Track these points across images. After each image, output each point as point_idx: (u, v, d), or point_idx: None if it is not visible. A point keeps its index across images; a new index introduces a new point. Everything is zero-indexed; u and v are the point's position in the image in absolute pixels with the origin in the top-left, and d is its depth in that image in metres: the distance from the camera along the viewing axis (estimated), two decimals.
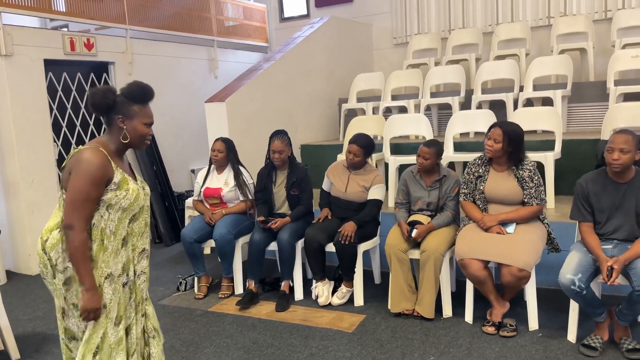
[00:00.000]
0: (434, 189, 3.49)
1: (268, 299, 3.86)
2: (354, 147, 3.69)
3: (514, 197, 3.17)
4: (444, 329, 3.21)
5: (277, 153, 3.85)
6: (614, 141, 2.73)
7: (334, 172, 3.87)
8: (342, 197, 3.77)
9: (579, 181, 2.96)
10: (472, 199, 3.31)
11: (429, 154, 3.43)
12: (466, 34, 6.63)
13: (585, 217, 2.91)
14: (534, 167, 3.18)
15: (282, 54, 5.67)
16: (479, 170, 3.28)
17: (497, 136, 3.13)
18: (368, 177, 3.74)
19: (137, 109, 2.03)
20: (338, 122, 6.27)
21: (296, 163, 3.99)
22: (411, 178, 3.57)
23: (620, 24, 5.75)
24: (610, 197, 2.83)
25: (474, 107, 5.29)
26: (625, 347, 2.75)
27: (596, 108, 5.27)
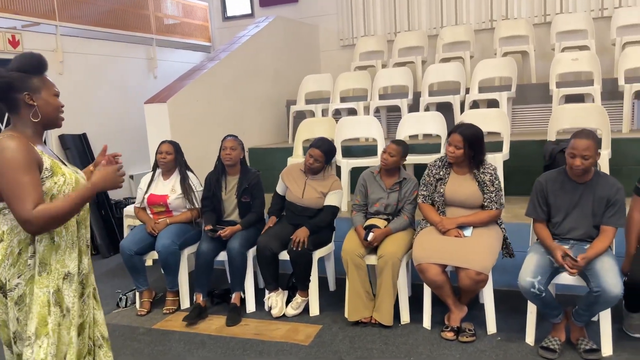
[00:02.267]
0: (393, 191, 3.41)
1: (218, 312, 3.64)
2: (317, 152, 3.54)
3: (474, 200, 3.13)
4: (402, 336, 3.12)
5: (229, 149, 3.65)
6: (576, 147, 2.70)
7: (290, 176, 3.70)
8: (298, 203, 3.61)
9: (539, 179, 2.97)
10: (431, 202, 3.25)
11: (396, 152, 3.35)
12: (412, 37, 6.66)
13: (540, 215, 2.93)
14: (495, 171, 3.16)
15: (227, 53, 5.44)
16: (440, 173, 3.23)
17: (458, 142, 3.09)
18: (326, 183, 3.60)
19: (39, 81, 1.79)
20: (287, 125, 6.10)
21: (248, 168, 3.80)
22: (371, 179, 3.47)
23: (559, 27, 5.94)
24: (568, 196, 2.85)
25: (422, 109, 5.29)
26: (583, 347, 2.75)
27: (539, 109, 5.40)
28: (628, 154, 4.17)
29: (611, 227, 2.76)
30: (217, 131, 4.89)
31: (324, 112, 5.68)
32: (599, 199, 2.78)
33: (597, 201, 2.78)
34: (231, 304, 3.57)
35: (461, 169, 3.19)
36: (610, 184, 2.79)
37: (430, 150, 4.59)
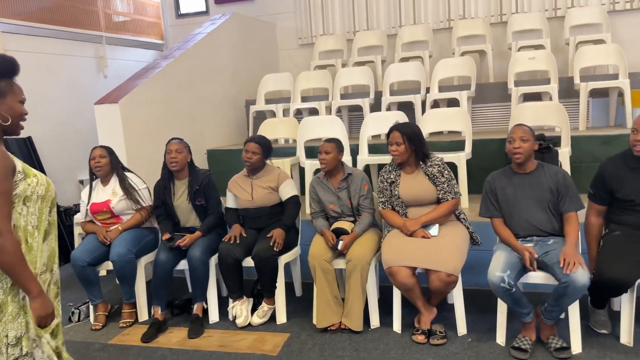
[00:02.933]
0: (342, 189, 3.34)
1: (178, 324, 3.45)
2: (252, 145, 3.45)
3: (429, 195, 3.11)
4: (373, 341, 3.04)
5: (174, 152, 3.46)
6: (514, 132, 2.88)
7: (235, 185, 3.57)
8: (251, 207, 3.48)
9: (487, 179, 3.03)
10: (391, 206, 3.20)
11: (331, 148, 3.28)
12: (371, 36, 6.63)
13: (493, 212, 2.97)
14: (442, 161, 3.16)
15: (182, 51, 5.23)
16: (391, 176, 3.19)
17: (397, 138, 3.09)
18: (271, 177, 3.50)
19: (6, 85, 1.71)
20: (246, 125, 5.94)
21: (197, 169, 3.62)
22: (319, 183, 3.41)
23: (515, 27, 6.04)
24: (516, 188, 2.90)
25: (384, 108, 5.25)
26: (553, 346, 2.75)
27: (498, 108, 5.46)
28: (586, 151, 4.26)
29: (573, 212, 2.81)
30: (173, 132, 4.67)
31: (285, 112, 5.55)
32: (547, 189, 2.84)
33: (546, 190, 2.84)
34: (193, 314, 3.39)
35: (410, 168, 3.17)
36: (554, 172, 2.87)
37: None
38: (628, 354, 2.70)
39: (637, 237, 2.75)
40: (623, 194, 2.80)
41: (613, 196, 2.85)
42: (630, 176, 2.79)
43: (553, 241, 2.85)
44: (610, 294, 2.85)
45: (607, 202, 2.89)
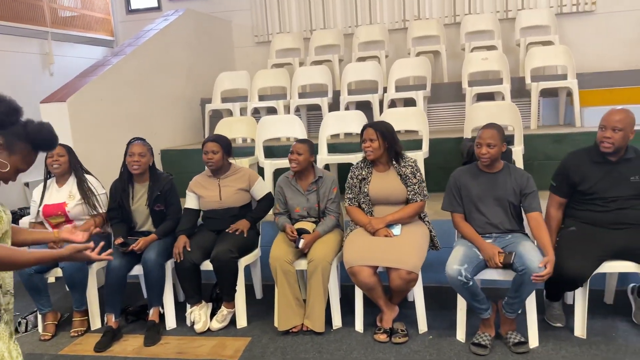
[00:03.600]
0: (311, 192, 3.30)
1: (134, 331, 3.32)
2: (210, 145, 3.37)
3: (398, 195, 3.11)
4: (336, 342, 3.02)
5: (137, 155, 3.32)
6: (482, 136, 2.86)
7: (199, 185, 3.46)
8: (219, 207, 3.38)
9: (453, 174, 3.05)
10: (357, 203, 3.18)
11: (303, 149, 3.24)
12: (328, 35, 6.61)
13: (456, 208, 3.00)
14: (415, 163, 3.17)
15: (134, 47, 5.05)
16: (362, 173, 3.18)
17: (371, 135, 3.09)
18: (241, 177, 3.43)
19: (26, 150, 1.64)
20: (202, 125, 5.80)
21: (159, 173, 3.49)
22: (287, 184, 3.35)
23: (468, 28, 6.17)
24: (481, 186, 2.94)
25: (342, 108, 5.25)
26: (512, 341, 2.80)
27: (453, 108, 5.56)
28: (538, 149, 4.38)
29: (538, 212, 2.87)
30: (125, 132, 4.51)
31: (242, 110, 5.46)
32: (511, 190, 2.88)
33: (509, 192, 2.89)
34: (149, 321, 3.27)
35: (382, 166, 3.17)
36: (520, 174, 2.92)
37: (353, 149, 4.54)
38: (582, 346, 2.79)
39: (592, 233, 2.84)
40: (585, 186, 2.87)
41: (575, 189, 2.93)
42: (592, 170, 2.87)
43: (511, 236, 2.92)
44: (566, 287, 2.93)
45: (568, 195, 2.97)
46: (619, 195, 2.82)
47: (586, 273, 2.74)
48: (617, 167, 2.84)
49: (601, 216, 2.85)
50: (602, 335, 2.88)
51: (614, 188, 2.83)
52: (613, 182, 2.83)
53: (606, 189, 2.84)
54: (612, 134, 2.76)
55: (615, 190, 2.83)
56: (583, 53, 6.03)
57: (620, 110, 2.80)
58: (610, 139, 2.77)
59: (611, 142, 2.77)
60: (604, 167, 2.85)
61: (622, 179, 2.83)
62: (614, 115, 2.78)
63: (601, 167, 2.86)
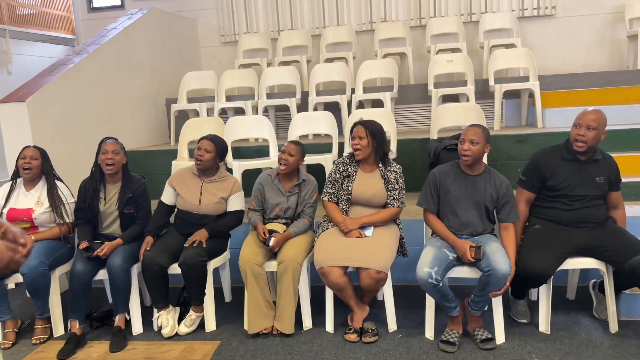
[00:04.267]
0: (292, 194, 3.28)
1: (99, 337, 3.23)
2: (205, 142, 3.28)
3: (379, 198, 3.13)
4: (306, 343, 3.01)
5: (110, 153, 3.22)
6: (466, 133, 2.89)
7: (181, 182, 3.36)
8: (195, 211, 3.30)
9: (433, 171, 3.05)
10: (337, 200, 3.18)
11: (295, 151, 3.22)
12: (295, 36, 6.60)
13: (431, 206, 3.01)
14: (400, 170, 3.19)
15: (97, 46, 4.92)
16: (348, 170, 3.17)
17: (361, 132, 3.08)
18: (225, 186, 3.35)
19: None
20: (167, 125, 5.70)
21: (132, 175, 3.39)
22: (269, 183, 3.31)
23: (433, 30, 6.26)
24: (461, 188, 2.95)
25: (311, 108, 5.24)
26: (479, 337, 2.86)
27: (419, 109, 5.64)
28: (501, 149, 4.48)
29: (511, 223, 2.92)
30: (88, 133, 4.40)
31: (209, 111, 5.39)
32: (489, 194, 2.92)
33: (487, 195, 2.92)
34: (114, 327, 3.18)
35: (369, 166, 3.17)
36: (499, 181, 2.94)
37: (322, 149, 4.55)
38: (546, 341, 2.87)
39: (555, 231, 2.92)
40: (554, 182, 2.94)
41: (543, 184, 2.99)
42: (562, 167, 2.95)
43: (480, 236, 2.97)
44: (531, 284, 3.00)
45: (537, 190, 3.02)
46: (584, 194, 2.91)
47: (550, 270, 2.81)
48: (585, 166, 2.93)
49: (565, 214, 2.94)
50: (565, 330, 2.97)
51: (581, 187, 2.91)
52: (580, 181, 2.92)
53: (573, 186, 2.92)
54: (586, 132, 2.84)
55: (581, 189, 2.91)
56: (544, 55, 6.22)
57: (594, 111, 2.89)
58: (584, 137, 2.84)
59: (584, 140, 2.85)
60: (574, 165, 2.94)
61: (589, 179, 2.92)
62: (589, 114, 2.86)
63: (571, 165, 2.94)
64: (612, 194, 2.99)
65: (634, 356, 2.65)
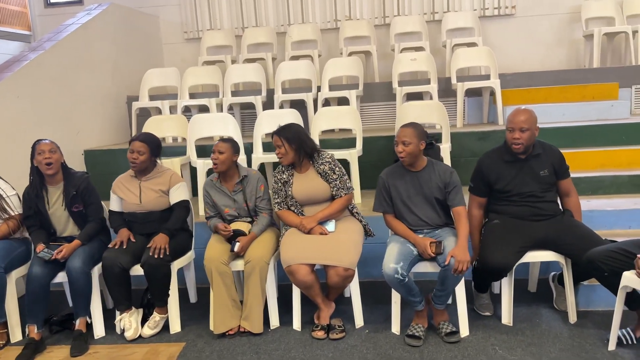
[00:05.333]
0: (237, 192, 3.25)
1: (59, 342, 3.13)
2: (137, 144, 3.21)
3: (323, 193, 3.13)
4: (274, 342, 3.00)
5: (47, 152, 3.10)
6: (398, 135, 2.95)
7: (121, 186, 3.31)
8: (139, 211, 3.24)
9: (381, 175, 3.10)
10: (287, 206, 3.18)
11: (224, 148, 3.17)
12: (260, 33, 6.56)
13: (386, 208, 3.06)
14: (332, 158, 3.19)
15: (54, 42, 4.77)
16: (284, 176, 3.18)
17: (277, 142, 3.12)
18: (163, 180, 3.30)
19: None
20: (128, 123, 5.57)
21: (72, 172, 3.28)
22: (212, 187, 3.28)
23: (397, 29, 6.32)
24: (408, 186, 3.00)
25: (276, 106, 5.22)
26: (444, 331, 2.90)
27: (384, 107, 5.68)
28: (464, 146, 4.56)
29: (462, 207, 2.97)
30: (45, 132, 4.25)
31: (172, 109, 5.29)
32: (435, 185, 2.97)
33: (434, 188, 2.97)
34: (75, 330, 3.09)
35: (302, 167, 3.18)
36: (444, 170, 3.00)
37: None
38: (509, 333, 2.93)
39: (513, 225, 2.99)
40: (500, 185, 3.03)
41: (492, 188, 3.07)
42: (505, 169, 3.03)
43: (440, 231, 3.02)
44: (492, 278, 3.07)
45: (487, 194, 3.11)
46: (532, 190, 3.00)
47: (510, 263, 2.88)
48: (528, 163, 3.01)
49: (520, 210, 3.01)
50: (527, 322, 3.05)
51: (527, 184, 3.00)
52: (525, 179, 3.00)
53: (521, 185, 3.00)
54: (520, 134, 2.92)
55: (528, 186, 3.00)
56: (505, 54, 6.37)
57: (523, 111, 2.96)
58: (519, 140, 2.93)
59: (520, 142, 2.93)
60: (516, 165, 3.02)
61: (533, 175, 3.00)
62: (519, 116, 2.93)
63: (513, 165, 3.02)
64: (562, 182, 3.07)
65: (591, 345, 2.75)
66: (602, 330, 2.87)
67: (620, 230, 3.49)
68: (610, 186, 3.99)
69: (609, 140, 4.46)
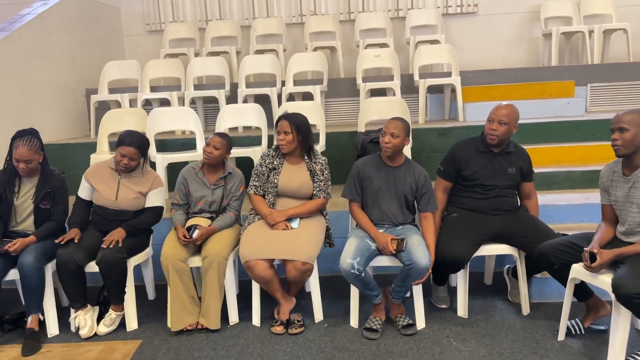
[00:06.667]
0: (218, 187, 3.22)
1: (11, 341, 3.04)
2: (130, 150, 3.08)
3: (306, 190, 3.14)
4: (232, 338, 2.98)
5: (22, 163, 3.00)
6: (387, 126, 2.97)
7: (97, 176, 3.20)
8: (111, 207, 3.15)
9: (356, 163, 3.11)
10: (263, 193, 3.16)
11: (221, 144, 3.15)
12: (224, 26, 6.49)
13: (355, 197, 3.08)
14: (325, 162, 3.22)
15: (7, 33, 4.61)
16: (274, 162, 3.15)
17: (286, 127, 3.07)
18: (144, 181, 3.22)
19: None
20: (87, 117, 5.44)
21: (50, 170, 3.18)
22: (192, 175, 3.22)
23: (362, 25, 6.35)
24: (382, 179, 3.03)
25: (240, 100, 5.18)
26: (401, 323, 2.95)
27: (348, 102, 5.71)
28: (426, 142, 4.63)
29: (431, 213, 3.02)
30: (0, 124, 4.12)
31: (132, 102, 5.19)
32: (408, 185, 3.02)
33: (407, 185, 3.02)
34: (27, 328, 3.00)
35: (294, 158, 3.17)
36: (417, 172, 3.05)
37: (251, 142, 4.51)
38: (464, 325, 3.00)
39: (472, 219, 3.06)
40: (468, 172, 3.08)
41: (459, 174, 3.12)
42: (477, 158, 3.09)
43: (401, 227, 3.06)
44: (449, 270, 3.12)
45: (454, 179, 3.16)
46: (497, 184, 3.07)
47: (466, 255, 2.94)
48: (498, 158, 3.08)
49: (480, 202, 3.08)
50: (482, 314, 3.12)
51: (494, 177, 3.07)
52: (493, 172, 3.07)
53: (487, 176, 3.07)
54: (497, 126, 2.99)
55: (494, 179, 3.07)
56: (467, 52, 6.48)
57: (507, 106, 3.04)
58: (496, 131, 3.00)
59: (496, 134, 3.00)
60: (487, 156, 3.09)
61: (501, 170, 3.08)
62: (501, 109, 3.01)
63: (485, 156, 3.09)
64: (525, 185, 3.17)
65: (542, 336, 2.83)
66: (553, 322, 2.96)
67: (573, 224, 3.61)
68: (564, 181, 4.11)
69: (564, 137, 4.60)
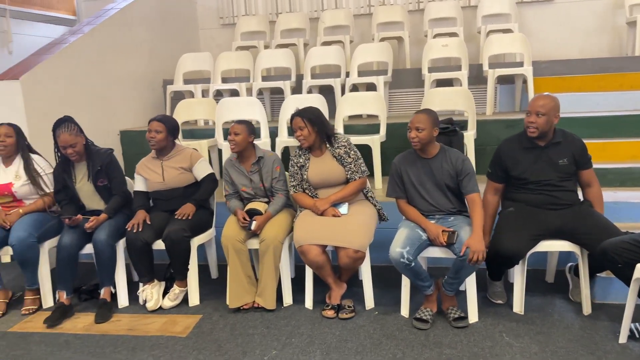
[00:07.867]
0: (254, 172, 3.34)
1: (86, 309, 3.34)
2: (154, 124, 3.35)
3: (337, 176, 3.18)
4: (285, 318, 3.10)
5: (69, 148, 3.29)
6: (412, 121, 2.95)
7: (145, 168, 3.47)
8: (163, 188, 3.40)
9: (393, 161, 3.12)
10: (302, 189, 3.25)
11: (240, 130, 3.25)
12: (293, 19, 6.61)
13: (399, 194, 3.08)
14: (348, 142, 3.23)
15: (93, 26, 4.99)
16: (300, 160, 3.24)
17: (299, 123, 3.14)
18: (183, 157, 3.44)
19: None
20: (163, 106, 5.77)
21: (95, 149, 3.45)
22: (231, 166, 3.40)
23: (431, 15, 6.24)
24: (419, 172, 3.02)
25: (304, 91, 5.28)
26: (452, 316, 2.92)
27: (413, 93, 5.65)
28: (492, 134, 4.49)
29: (476, 193, 2.95)
30: (83, 112, 4.48)
31: (204, 92, 5.45)
32: (447, 173, 2.96)
33: (446, 175, 2.97)
34: (100, 299, 3.29)
35: (318, 150, 3.23)
36: (454, 157, 2.98)
37: None
38: (519, 321, 2.92)
39: (528, 213, 2.96)
40: (517, 172, 3.00)
41: (508, 174, 3.04)
42: (523, 156, 2.99)
43: (453, 218, 3.02)
44: (504, 265, 3.04)
45: (504, 180, 3.08)
46: (550, 178, 2.95)
47: (522, 250, 2.86)
48: (546, 151, 2.96)
49: (536, 198, 2.97)
50: (539, 312, 3.02)
51: (545, 172, 2.95)
52: (543, 166, 2.95)
53: (538, 173, 2.96)
54: (535, 118, 2.88)
55: (546, 174, 2.95)
56: (542, 41, 6.18)
57: (544, 96, 2.92)
58: (534, 124, 2.89)
59: (535, 126, 2.89)
60: (534, 152, 2.97)
61: (552, 163, 2.95)
62: (538, 100, 2.90)
63: (531, 152, 2.98)
64: (583, 172, 3.01)
65: (602, 337, 2.70)
66: (616, 323, 2.81)
67: None
68: (639, 178, 3.86)
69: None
